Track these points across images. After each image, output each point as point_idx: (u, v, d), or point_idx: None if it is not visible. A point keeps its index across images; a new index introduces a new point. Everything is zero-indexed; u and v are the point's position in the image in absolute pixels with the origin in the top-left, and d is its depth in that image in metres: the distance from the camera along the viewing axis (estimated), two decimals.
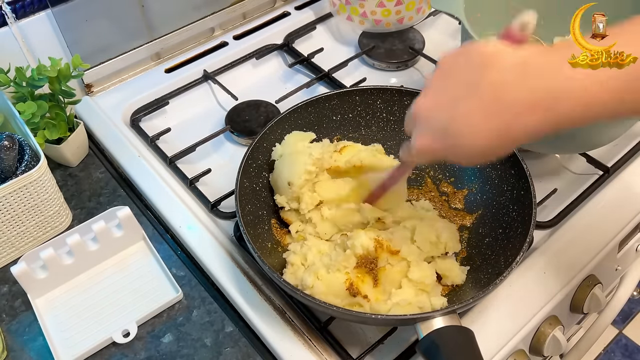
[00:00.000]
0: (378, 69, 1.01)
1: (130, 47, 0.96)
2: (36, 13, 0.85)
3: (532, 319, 0.67)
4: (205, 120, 0.93)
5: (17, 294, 0.71)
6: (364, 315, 0.59)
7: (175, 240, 0.77)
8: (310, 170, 0.70)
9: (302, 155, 0.70)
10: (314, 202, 0.70)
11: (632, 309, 1.76)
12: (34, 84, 0.77)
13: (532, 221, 0.62)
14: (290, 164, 0.71)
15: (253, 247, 0.62)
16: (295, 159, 0.71)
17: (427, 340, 0.55)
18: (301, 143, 0.73)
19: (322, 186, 0.71)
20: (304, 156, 0.70)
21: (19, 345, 0.67)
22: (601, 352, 1.67)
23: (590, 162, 0.81)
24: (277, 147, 0.74)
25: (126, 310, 0.69)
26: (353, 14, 1.01)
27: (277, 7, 1.12)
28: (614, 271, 0.83)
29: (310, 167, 0.70)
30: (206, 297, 0.70)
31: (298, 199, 0.71)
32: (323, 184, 0.71)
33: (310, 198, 0.70)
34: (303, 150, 0.72)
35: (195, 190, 0.80)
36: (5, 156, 0.68)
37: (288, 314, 0.67)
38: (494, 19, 0.87)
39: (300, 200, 0.70)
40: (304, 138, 0.74)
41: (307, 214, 0.70)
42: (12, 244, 0.73)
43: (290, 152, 0.72)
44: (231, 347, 0.66)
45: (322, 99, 0.78)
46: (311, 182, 0.71)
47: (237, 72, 0.99)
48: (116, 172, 0.86)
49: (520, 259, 0.59)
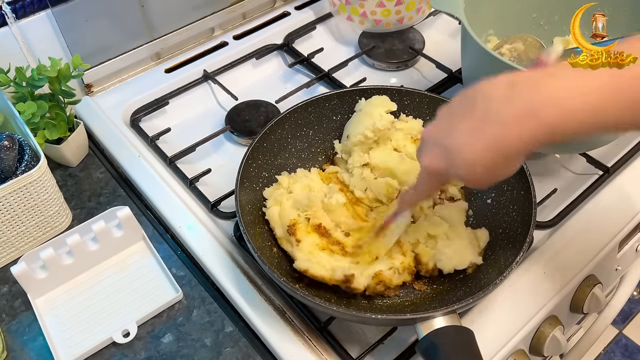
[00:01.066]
0: (378, 69, 1.01)
1: (130, 47, 0.96)
2: (36, 13, 0.85)
3: (532, 319, 0.67)
4: (205, 120, 0.93)
5: (17, 294, 0.71)
6: (364, 315, 0.59)
7: (175, 240, 0.77)
8: (368, 135, 0.75)
9: (371, 119, 0.75)
10: (362, 161, 0.76)
11: (632, 309, 1.76)
12: (34, 84, 0.77)
13: (532, 221, 0.62)
14: (358, 121, 0.76)
15: (253, 247, 0.62)
16: (363, 118, 0.76)
17: (427, 340, 0.55)
18: (379, 109, 0.75)
19: (376, 152, 0.76)
20: (371, 121, 0.74)
21: (19, 345, 0.67)
22: (601, 352, 1.67)
23: (590, 162, 0.81)
24: (362, 101, 0.78)
25: (126, 310, 0.69)
26: (353, 14, 1.01)
27: (277, 7, 1.12)
28: (614, 271, 0.83)
29: (369, 132, 0.74)
30: (206, 297, 0.70)
31: (349, 152, 0.77)
32: (378, 151, 0.76)
33: (360, 157, 0.76)
34: (375, 115, 0.75)
35: (195, 190, 0.80)
36: (5, 156, 0.68)
37: (288, 314, 0.67)
38: (494, 19, 0.87)
39: (351, 155, 0.77)
40: (386, 105, 0.76)
41: (352, 168, 0.76)
42: (12, 244, 0.73)
43: (366, 111, 0.76)
44: (231, 347, 0.66)
45: (322, 99, 0.78)
46: (367, 145, 0.76)
47: (237, 72, 0.99)
48: (116, 172, 0.86)
49: (520, 259, 0.59)
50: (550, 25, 0.89)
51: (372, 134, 0.74)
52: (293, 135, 0.77)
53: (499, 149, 0.47)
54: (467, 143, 0.48)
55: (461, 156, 0.48)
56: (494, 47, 0.85)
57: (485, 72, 0.74)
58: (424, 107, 0.78)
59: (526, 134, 0.45)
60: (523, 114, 0.45)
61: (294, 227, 0.68)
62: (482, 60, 0.72)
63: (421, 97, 0.78)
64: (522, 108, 0.45)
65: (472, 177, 0.50)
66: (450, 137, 0.49)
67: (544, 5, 0.88)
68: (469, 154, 0.48)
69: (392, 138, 0.77)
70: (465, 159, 0.48)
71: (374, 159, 0.76)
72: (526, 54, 0.84)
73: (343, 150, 0.78)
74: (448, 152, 0.50)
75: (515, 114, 0.45)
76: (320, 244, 0.68)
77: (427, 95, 0.77)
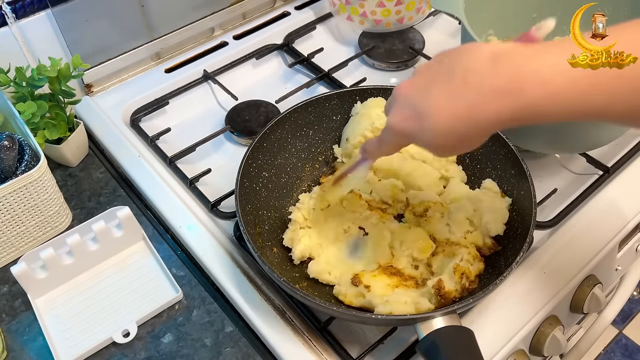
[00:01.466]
0: (378, 69, 1.01)
1: (130, 47, 0.96)
2: (36, 13, 0.85)
3: (532, 319, 0.67)
4: (205, 120, 0.93)
5: (17, 294, 0.71)
6: (363, 315, 0.59)
7: (175, 240, 0.77)
8: (367, 136, 0.74)
9: (369, 119, 0.75)
10: None
11: (632, 309, 1.76)
12: (34, 84, 0.77)
13: (532, 221, 0.62)
14: (356, 123, 0.76)
15: (253, 247, 0.62)
16: (361, 120, 0.76)
17: (427, 340, 0.55)
18: (375, 109, 0.75)
19: None
20: (369, 121, 0.75)
21: (19, 345, 0.67)
22: (601, 352, 1.67)
23: (590, 162, 0.81)
24: (357, 104, 0.78)
25: (126, 310, 0.69)
26: (353, 14, 1.01)
27: (277, 7, 1.12)
28: (614, 271, 0.83)
29: (369, 132, 0.74)
30: (206, 297, 0.70)
31: (350, 155, 0.77)
32: None
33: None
34: (373, 116, 0.75)
35: (195, 190, 0.80)
36: (5, 156, 0.68)
37: (288, 314, 0.67)
38: (494, 19, 0.87)
39: (352, 158, 0.76)
40: (381, 106, 0.76)
41: None
42: (12, 244, 0.73)
43: (363, 113, 0.76)
44: (231, 347, 0.66)
45: (322, 99, 0.78)
46: None
47: (237, 72, 0.99)
48: (116, 172, 0.86)
49: (520, 259, 0.59)
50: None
51: (371, 134, 0.74)
52: (293, 135, 0.77)
53: (472, 120, 0.45)
54: (441, 108, 0.46)
55: (431, 120, 0.47)
56: None
57: None
58: None
59: (505, 109, 0.43)
60: (504, 89, 0.43)
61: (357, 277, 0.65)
62: None
63: None
64: (504, 82, 0.43)
65: (437, 144, 0.48)
66: (424, 99, 0.47)
67: (544, 5, 0.88)
68: (440, 120, 0.46)
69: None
70: (435, 124, 0.46)
71: (375, 162, 0.75)
72: None
73: (344, 154, 0.79)
74: (419, 115, 0.48)
75: (496, 87, 0.43)
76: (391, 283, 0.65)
77: None
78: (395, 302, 0.60)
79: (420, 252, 0.66)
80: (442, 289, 0.61)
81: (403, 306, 0.60)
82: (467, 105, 0.45)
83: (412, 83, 0.50)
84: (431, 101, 0.47)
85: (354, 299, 0.64)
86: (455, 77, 0.46)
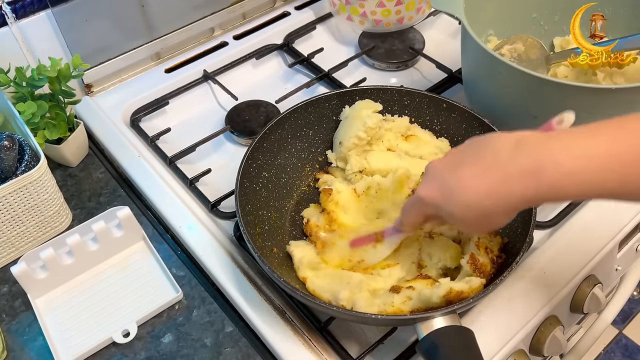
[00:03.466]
0: (378, 69, 1.01)
1: (130, 47, 0.96)
2: (36, 13, 0.85)
3: (532, 319, 0.67)
4: (205, 120, 0.93)
5: (17, 294, 0.71)
6: (364, 315, 0.59)
7: (175, 240, 0.77)
8: (361, 137, 0.74)
9: (360, 120, 0.74)
10: (360, 166, 0.75)
11: (632, 309, 1.76)
12: (34, 84, 0.77)
13: (532, 221, 0.62)
14: (347, 126, 0.76)
15: (253, 247, 0.62)
16: (352, 122, 0.75)
17: (427, 340, 0.55)
18: (366, 110, 0.75)
19: (372, 155, 0.76)
20: (360, 122, 0.74)
21: (19, 345, 0.67)
22: (601, 352, 1.67)
23: None
24: (346, 108, 0.78)
25: (126, 310, 0.69)
26: (353, 14, 1.01)
27: (277, 7, 1.12)
28: (614, 271, 0.83)
29: (362, 133, 0.74)
30: (206, 297, 0.70)
31: (345, 159, 0.76)
32: (374, 153, 0.76)
33: (357, 162, 0.75)
34: (363, 116, 0.75)
35: (195, 190, 0.80)
36: (5, 156, 0.68)
37: (288, 314, 0.67)
38: (494, 19, 0.87)
39: (347, 161, 0.76)
40: (371, 107, 0.76)
41: (350, 175, 0.75)
42: (12, 244, 0.73)
43: (353, 116, 0.76)
44: (231, 347, 0.66)
45: (322, 99, 0.78)
46: (361, 148, 0.76)
47: (237, 72, 0.99)
48: (116, 172, 0.86)
49: (520, 259, 0.59)
50: (550, 25, 0.89)
51: (364, 134, 0.74)
52: (293, 135, 0.78)
53: (500, 197, 0.48)
54: (470, 184, 0.49)
55: (460, 194, 0.50)
56: (494, 48, 0.85)
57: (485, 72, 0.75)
58: (424, 107, 0.78)
59: (529, 190, 0.46)
60: (526, 171, 0.46)
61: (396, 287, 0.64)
62: (482, 61, 0.72)
63: (421, 97, 0.78)
64: (526, 165, 0.47)
65: (462, 216, 0.51)
66: (454, 174, 0.51)
67: (544, 5, 0.88)
68: (469, 195, 0.49)
69: (383, 139, 0.77)
70: (463, 199, 0.50)
71: (373, 163, 0.75)
72: (526, 54, 0.84)
73: (338, 159, 0.78)
74: (448, 188, 0.51)
75: (519, 169, 0.47)
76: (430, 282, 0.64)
77: (427, 95, 0.77)
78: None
79: (452, 261, 0.66)
80: (477, 261, 0.61)
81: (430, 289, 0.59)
82: (492, 182, 0.48)
83: (443, 160, 0.54)
84: (460, 177, 0.50)
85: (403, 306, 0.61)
86: (482, 157, 0.50)
